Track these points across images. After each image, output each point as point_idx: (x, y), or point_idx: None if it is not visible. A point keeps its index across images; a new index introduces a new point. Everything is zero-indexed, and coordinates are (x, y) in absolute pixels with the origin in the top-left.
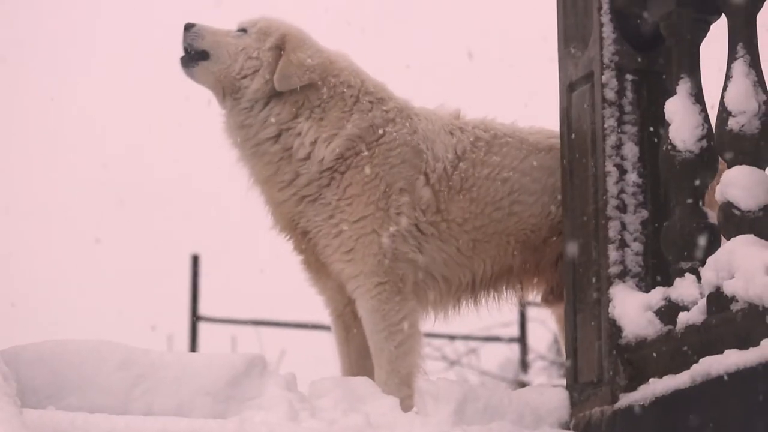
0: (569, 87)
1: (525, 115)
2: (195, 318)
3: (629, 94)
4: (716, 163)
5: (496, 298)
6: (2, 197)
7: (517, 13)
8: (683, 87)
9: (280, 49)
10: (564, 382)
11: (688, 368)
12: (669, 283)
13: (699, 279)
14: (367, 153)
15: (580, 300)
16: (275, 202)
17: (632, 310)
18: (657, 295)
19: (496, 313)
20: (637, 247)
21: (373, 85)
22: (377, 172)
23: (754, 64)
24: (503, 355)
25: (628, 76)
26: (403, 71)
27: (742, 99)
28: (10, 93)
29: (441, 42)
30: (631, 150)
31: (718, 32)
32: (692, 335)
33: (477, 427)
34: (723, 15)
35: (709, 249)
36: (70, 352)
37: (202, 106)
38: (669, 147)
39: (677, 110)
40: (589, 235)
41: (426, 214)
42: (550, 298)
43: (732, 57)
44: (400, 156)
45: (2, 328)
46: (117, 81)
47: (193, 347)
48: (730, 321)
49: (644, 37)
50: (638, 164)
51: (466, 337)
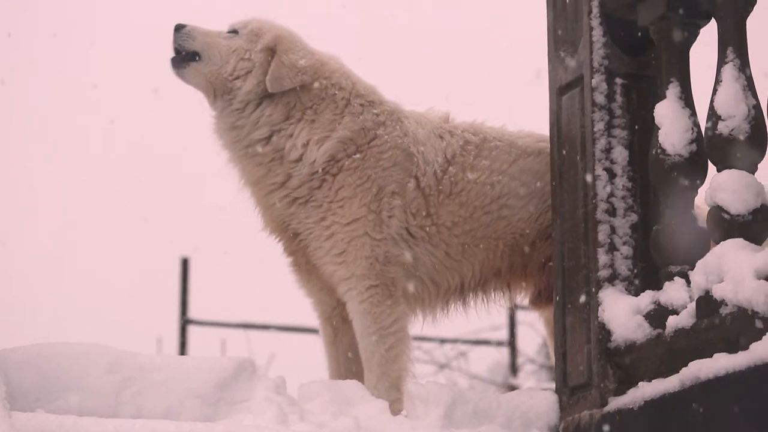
0: (559, 91)
1: (512, 118)
2: (184, 321)
3: (619, 98)
4: (706, 167)
5: (485, 300)
6: None
7: (506, 16)
8: (673, 91)
9: (272, 51)
10: (553, 385)
11: (678, 372)
12: (658, 287)
13: (688, 283)
14: (358, 156)
15: (570, 303)
16: (266, 204)
17: (621, 313)
18: (646, 299)
19: (485, 316)
20: (626, 250)
21: (363, 87)
22: (369, 175)
23: (744, 67)
24: (492, 359)
25: (618, 80)
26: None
27: (731, 103)
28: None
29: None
30: (620, 154)
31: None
32: (681, 339)
33: (466, 431)
34: (713, 19)
35: (699, 253)
36: (59, 354)
37: (193, 108)
38: (658, 151)
39: (667, 114)
40: (578, 239)
41: (416, 217)
42: (538, 301)
43: (722, 61)
44: (391, 159)
45: None
46: (110, 82)
47: (183, 350)
48: (719, 325)
49: (634, 41)
50: (628, 168)
51: (456, 341)
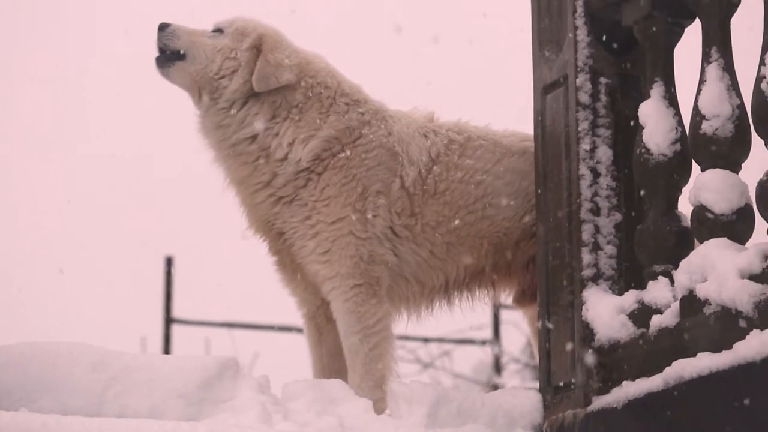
0: (543, 90)
1: (497, 117)
2: (168, 320)
3: (603, 98)
4: (690, 167)
5: (469, 299)
6: None
7: (490, 15)
8: (657, 90)
9: (257, 50)
10: (537, 384)
11: (661, 371)
12: (642, 286)
13: (672, 282)
14: (344, 155)
15: (554, 303)
16: (251, 203)
17: (605, 313)
18: (630, 298)
19: (469, 315)
20: (610, 250)
21: (349, 86)
22: (354, 174)
23: (728, 67)
24: (477, 358)
25: (602, 80)
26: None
27: (716, 103)
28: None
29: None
30: (605, 153)
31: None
32: (665, 338)
33: (450, 430)
34: (697, 19)
35: (683, 252)
36: (42, 354)
37: (175, 106)
38: (643, 150)
39: (651, 114)
40: (562, 238)
41: (401, 217)
42: (522, 299)
43: (706, 61)
44: (376, 158)
45: None
46: (95, 81)
47: (167, 349)
48: (703, 324)
49: (619, 40)
50: (612, 167)
51: (440, 340)
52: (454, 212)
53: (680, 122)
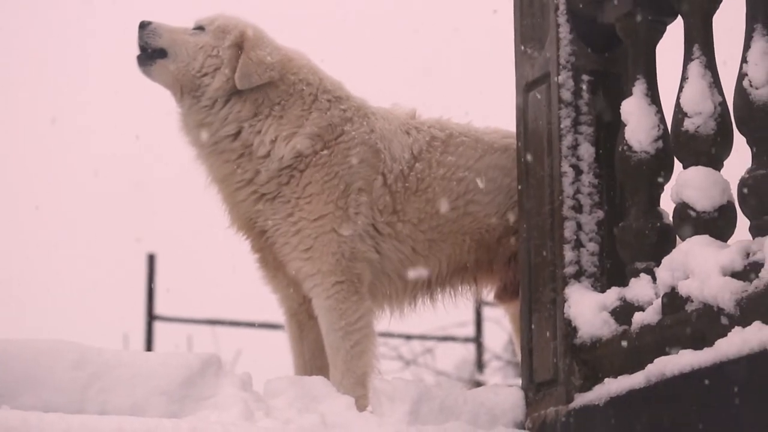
0: (526, 87)
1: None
2: (151, 317)
3: (585, 95)
4: (672, 164)
5: (452, 294)
6: None
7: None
8: (639, 88)
9: (239, 47)
10: (519, 382)
11: (643, 368)
12: (624, 284)
13: (654, 279)
14: (326, 152)
15: (536, 300)
16: (233, 201)
17: (587, 310)
18: (612, 296)
19: (451, 313)
20: (592, 247)
21: (330, 83)
22: (336, 172)
23: (710, 65)
24: (459, 355)
25: (585, 77)
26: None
27: (697, 100)
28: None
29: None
30: (587, 150)
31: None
32: (647, 335)
33: (432, 427)
34: (679, 16)
35: (665, 249)
36: (24, 351)
37: (155, 104)
38: (625, 148)
39: (633, 111)
40: (544, 236)
41: (383, 214)
42: (503, 295)
43: (688, 58)
44: (358, 155)
45: None
46: (83, 81)
47: (149, 346)
48: (684, 321)
49: (601, 38)
50: (594, 165)
51: (422, 337)
52: (436, 209)
53: (662, 119)
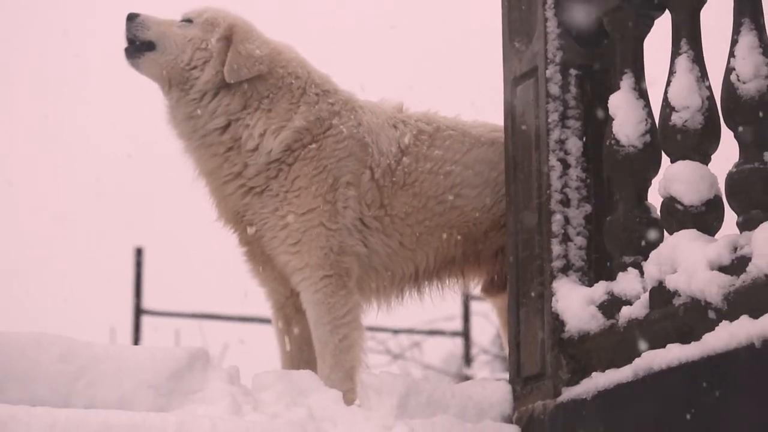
0: (513, 81)
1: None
2: (138, 311)
3: (573, 89)
4: (659, 158)
5: (439, 288)
6: None
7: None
8: (627, 82)
9: (228, 41)
10: (507, 376)
11: (631, 362)
12: (612, 278)
13: (642, 273)
14: (314, 146)
15: (523, 294)
16: (221, 195)
17: (575, 304)
18: (600, 290)
19: (439, 306)
20: (580, 241)
21: (318, 76)
22: (325, 165)
23: (698, 59)
24: (446, 349)
25: (572, 71)
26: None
27: (685, 94)
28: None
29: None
30: (574, 145)
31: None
32: (634, 329)
33: (420, 421)
34: (667, 11)
35: (652, 244)
36: (10, 344)
37: (146, 99)
38: (612, 142)
39: (621, 105)
40: (532, 230)
41: (370, 208)
42: (490, 289)
43: (675, 52)
44: (346, 149)
45: None
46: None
47: (136, 340)
48: (672, 315)
49: (589, 32)
50: (582, 159)
51: (410, 331)
52: (423, 203)
53: (650, 114)
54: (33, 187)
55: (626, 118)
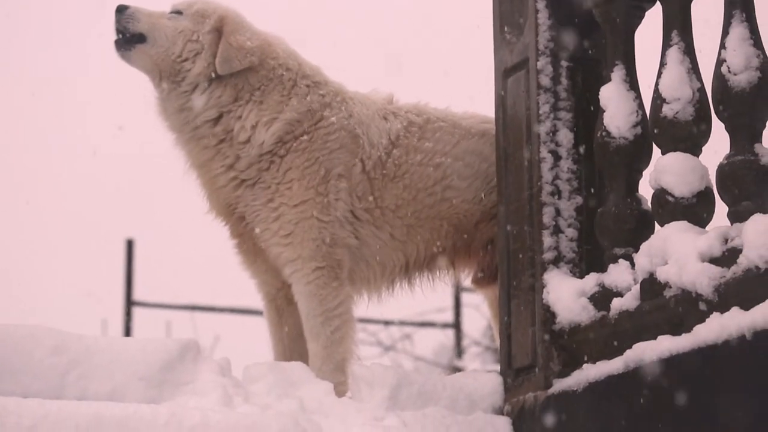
0: (504, 73)
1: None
2: (129, 303)
3: (564, 81)
4: (650, 150)
5: (430, 279)
6: None
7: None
8: (618, 74)
9: (218, 32)
10: (498, 367)
11: (622, 354)
12: (603, 270)
13: (633, 265)
14: (306, 137)
15: (515, 286)
16: (212, 187)
17: (566, 295)
18: (591, 281)
19: (430, 298)
20: (571, 233)
21: (309, 68)
22: (317, 157)
23: (689, 51)
24: (438, 341)
25: (563, 63)
26: None
27: (676, 86)
28: None
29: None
30: (565, 136)
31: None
32: (626, 321)
33: (411, 413)
34: (658, 2)
35: (643, 235)
36: (2, 336)
37: (135, 91)
38: (603, 133)
39: (612, 97)
40: (523, 221)
41: (361, 200)
42: (480, 280)
43: (666, 44)
44: (338, 141)
45: None
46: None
47: (128, 332)
48: (663, 307)
49: (580, 24)
50: (573, 151)
51: (401, 323)
52: (413, 195)
53: (641, 105)
54: (21, 178)
55: (617, 110)
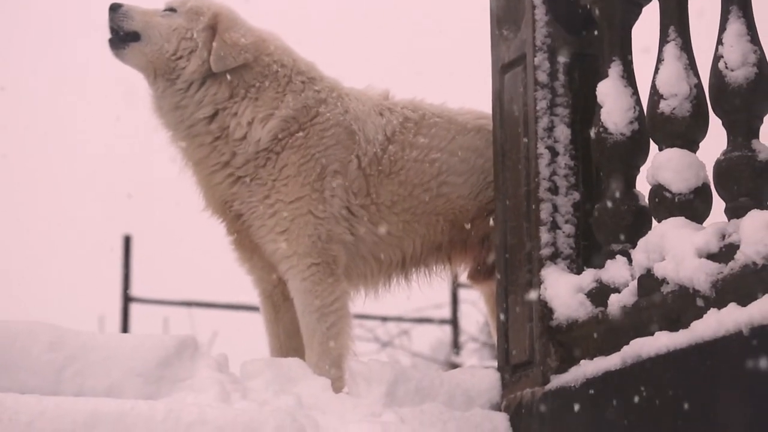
0: (502, 69)
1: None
2: (127, 299)
3: (561, 77)
4: (647, 146)
5: (426, 274)
6: None
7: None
8: (615, 69)
9: (212, 29)
10: (495, 363)
11: (619, 350)
12: (600, 265)
13: (630, 261)
14: (301, 134)
15: (512, 282)
16: (208, 184)
17: (564, 291)
18: (588, 277)
19: (428, 294)
20: (568, 229)
21: (304, 64)
22: (312, 154)
23: (686, 47)
24: (435, 337)
25: (561, 59)
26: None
27: (673, 82)
28: None
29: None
30: (563, 132)
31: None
32: (623, 317)
33: (408, 409)
34: None
35: (640, 231)
36: (0, 333)
37: (131, 90)
38: (601, 129)
39: (609, 93)
40: (520, 217)
41: (357, 197)
42: (476, 275)
43: (663, 40)
44: (333, 137)
45: None
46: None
47: (125, 328)
48: (660, 303)
49: (577, 19)
50: (570, 146)
51: (398, 319)
52: (409, 191)
53: (638, 101)
54: (19, 176)
55: (614, 106)
